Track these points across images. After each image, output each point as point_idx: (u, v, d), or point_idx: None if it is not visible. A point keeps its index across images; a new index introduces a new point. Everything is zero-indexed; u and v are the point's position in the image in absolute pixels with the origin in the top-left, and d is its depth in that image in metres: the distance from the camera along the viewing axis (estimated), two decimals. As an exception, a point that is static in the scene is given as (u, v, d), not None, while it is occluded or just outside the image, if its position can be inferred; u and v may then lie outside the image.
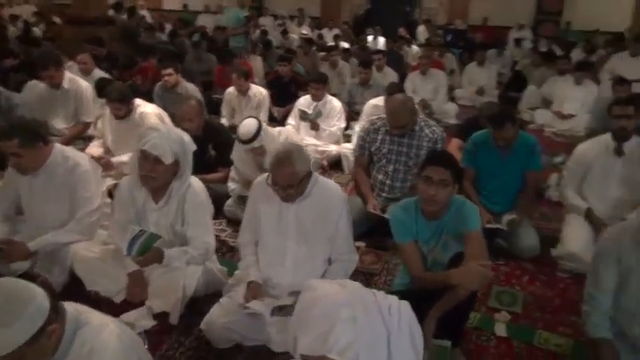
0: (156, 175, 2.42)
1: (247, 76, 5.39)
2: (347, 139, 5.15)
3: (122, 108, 4.01)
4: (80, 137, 4.55)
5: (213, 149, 3.83)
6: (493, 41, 13.06)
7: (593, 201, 3.27)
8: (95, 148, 4.16)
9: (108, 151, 4.22)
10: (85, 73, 5.40)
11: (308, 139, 4.75)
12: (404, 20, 13.43)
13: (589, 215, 3.22)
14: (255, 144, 3.44)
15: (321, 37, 11.99)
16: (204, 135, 3.80)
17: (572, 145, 5.92)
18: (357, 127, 4.90)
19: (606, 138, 3.29)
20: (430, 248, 2.36)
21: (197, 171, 3.65)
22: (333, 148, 4.79)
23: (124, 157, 4.03)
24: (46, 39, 9.77)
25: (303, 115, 4.84)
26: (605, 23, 13.14)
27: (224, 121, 5.39)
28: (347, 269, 2.46)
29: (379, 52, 7.41)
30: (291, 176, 2.23)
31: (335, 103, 5.02)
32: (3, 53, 6.26)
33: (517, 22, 13.56)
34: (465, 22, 14.45)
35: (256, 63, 7.75)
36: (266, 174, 2.50)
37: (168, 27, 11.83)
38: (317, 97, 4.92)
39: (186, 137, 2.49)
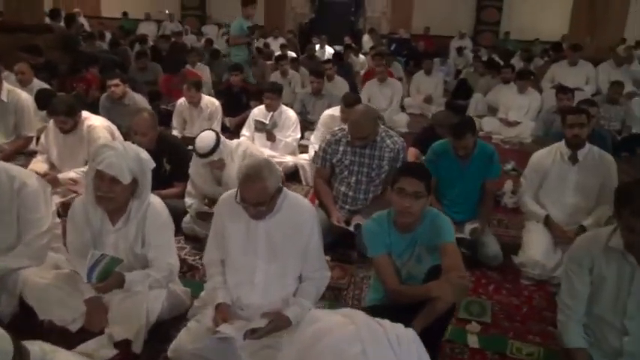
0: (113, 196, 2.27)
1: (199, 86, 5.24)
2: (302, 149, 5.09)
3: (69, 121, 3.79)
4: (21, 152, 4.27)
5: (168, 163, 3.67)
6: (436, 50, 13.41)
7: (550, 208, 3.35)
8: (39, 164, 3.90)
9: (53, 167, 3.98)
10: (24, 83, 5.11)
11: (264, 151, 4.64)
12: (349, 29, 13.55)
13: (548, 222, 3.29)
14: (214, 157, 3.32)
15: (267, 45, 11.91)
16: (157, 149, 3.63)
17: (520, 151, 6.18)
18: (313, 138, 4.86)
19: (560, 145, 3.38)
20: (404, 261, 2.33)
21: (152, 187, 3.54)
22: (289, 159, 4.72)
23: (71, 174, 3.82)
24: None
25: (260, 126, 4.74)
26: (542, 33, 13.74)
27: (175, 132, 5.21)
28: (319, 287, 2.39)
29: (329, 61, 7.40)
30: (261, 192, 2.14)
31: (290, 114, 4.95)
32: None
33: (458, 31, 13.94)
34: (407, 31, 14.76)
35: (204, 72, 7.58)
36: (231, 191, 2.41)
37: (107, 35, 11.45)
38: (272, 108, 4.84)
39: (144, 154, 2.36)
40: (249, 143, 3.78)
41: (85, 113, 3.96)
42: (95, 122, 3.92)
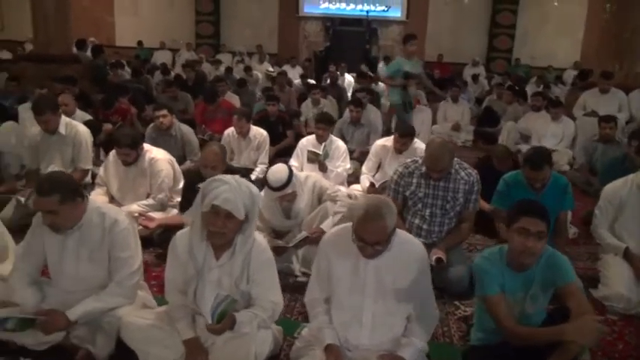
0: (226, 231, 2.22)
1: (249, 117, 5.23)
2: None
3: (132, 154, 3.77)
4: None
5: (235, 196, 3.62)
6: (450, 77, 13.53)
7: (627, 239, 3.31)
8: (100, 197, 3.85)
9: (112, 200, 3.93)
10: (67, 114, 5.06)
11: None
12: (363, 57, 13.65)
13: (627, 255, 3.24)
14: (288, 190, 3.30)
15: (284, 73, 11.95)
16: (224, 182, 3.60)
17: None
18: (364, 168, 4.83)
19: (635, 177, 3.36)
20: (517, 300, 2.27)
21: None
22: (343, 190, 4.67)
23: (134, 206, 3.77)
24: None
25: (313, 157, 4.71)
26: (555, 59, 13.89)
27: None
28: (429, 326, 2.33)
29: (363, 90, 7.41)
30: (381, 231, 2.09)
31: (339, 143, 4.93)
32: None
33: (472, 58, 14.08)
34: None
35: (235, 101, 7.58)
36: (336, 229, 2.37)
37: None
38: (323, 138, 4.82)
39: (254, 189, 2.31)
40: (318, 176, 3.75)
41: (146, 145, 3.94)
42: (157, 155, 3.89)
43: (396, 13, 15.09)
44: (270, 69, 11.91)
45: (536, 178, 3.31)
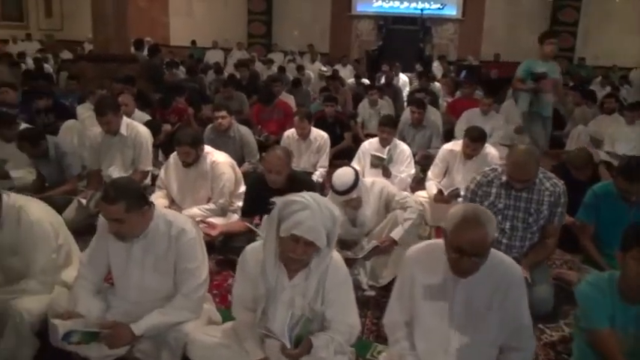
0: (305, 258, 2.05)
1: (310, 118, 5.07)
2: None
3: (192, 153, 3.67)
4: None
5: (299, 203, 3.46)
6: (509, 77, 13.02)
7: None
8: (160, 200, 3.77)
9: (173, 202, 3.84)
10: (126, 114, 5.04)
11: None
12: (417, 57, 13.31)
13: None
14: (353, 194, 3.11)
15: (336, 73, 11.77)
16: (288, 186, 3.44)
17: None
18: (430, 174, 4.58)
19: None
20: (629, 337, 2.00)
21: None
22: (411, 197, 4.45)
23: (194, 210, 3.67)
24: (57, 74, 9.48)
25: (376, 161, 4.51)
26: (619, 59, 13.20)
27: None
28: (525, 358, 2.09)
29: (422, 90, 7.14)
30: (481, 241, 1.87)
31: (404, 147, 4.70)
32: (37, 94, 5.90)
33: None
34: (476, 58, 14.43)
35: (290, 102, 7.45)
36: (422, 244, 2.16)
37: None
38: (387, 142, 4.61)
39: (336, 210, 2.11)
40: (385, 182, 3.54)
41: (207, 148, 3.83)
42: (219, 158, 3.78)
43: (452, 11, 14.67)
44: (323, 68, 11.75)
45: (632, 191, 3.00)
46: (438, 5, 14.55)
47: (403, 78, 11.00)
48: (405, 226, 3.10)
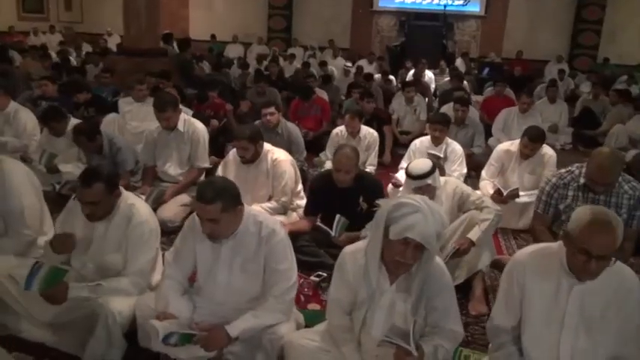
0: (413, 262, 2.00)
1: (362, 116, 5.01)
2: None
3: (251, 148, 3.62)
4: (194, 184, 4.12)
5: (365, 202, 3.42)
6: (532, 75, 12.91)
7: None
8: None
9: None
10: (170, 110, 5.02)
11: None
12: (441, 53, 13.20)
13: None
14: (428, 180, 3.07)
15: (360, 69, 11.69)
16: (355, 186, 3.40)
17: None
18: (484, 173, 4.52)
19: None
20: None
21: (347, 227, 3.28)
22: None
23: (256, 207, 3.60)
24: (82, 67, 9.43)
25: (433, 160, 4.40)
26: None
27: (328, 164, 4.98)
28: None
29: (459, 88, 7.06)
30: (611, 243, 1.83)
31: (456, 146, 4.64)
32: (77, 87, 5.86)
33: (556, 55, 13.43)
34: (498, 55, 14.31)
35: (324, 97, 7.39)
36: (538, 246, 2.12)
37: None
38: (439, 140, 4.55)
39: (445, 215, 2.07)
40: (458, 181, 3.49)
41: (267, 145, 3.78)
42: (280, 156, 3.73)
43: (475, 7, 14.53)
44: (348, 63, 11.66)
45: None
46: (461, 1, 14.42)
47: (429, 75, 10.90)
48: (483, 227, 3.05)
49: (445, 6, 14.11)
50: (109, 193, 2.44)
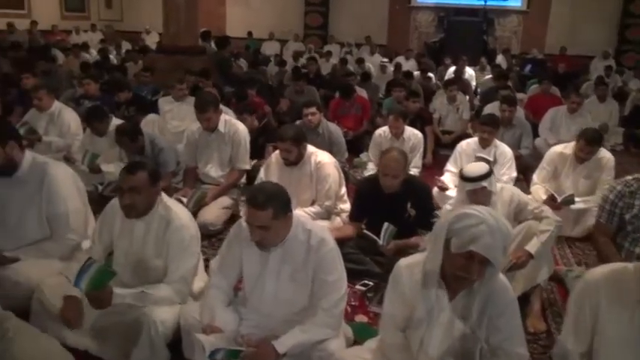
0: (478, 278, 1.86)
1: (406, 116, 4.87)
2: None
3: (294, 150, 3.52)
4: (234, 186, 4.05)
5: (413, 208, 3.28)
6: (577, 72, 12.46)
7: None
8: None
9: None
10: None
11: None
12: (481, 50, 12.88)
13: None
14: (484, 183, 2.92)
15: (399, 66, 11.48)
16: (402, 191, 3.27)
17: None
18: (536, 178, 4.32)
19: None
20: None
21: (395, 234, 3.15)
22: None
23: (299, 212, 3.50)
24: (122, 66, 9.51)
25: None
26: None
27: (371, 165, 4.86)
28: None
29: (505, 87, 6.81)
30: None
31: (505, 149, 4.45)
32: (119, 86, 5.88)
33: (603, 51, 12.94)
34: (540, 51, 13.88)
35: (364, 96, 7.25)
36: (605, 266, 1.95)
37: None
38: (488, 142, 4.37)
39: (510, 227, 1.92)
40: (514, 188, 3.32)
41: (310, 147, 3.68)
42: (324, 158, 3.63)
43: (517, 2, 14.13)
44: (384, 60, 11.47)
45: None
46: (503, -4, 14.04)
47: (469, 72, 10.64)
48: (542, 239, 2.87)
49: (485, 1, 13.73)
50: (150, 185, 2.38)
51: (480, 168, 2.97)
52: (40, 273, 2.48)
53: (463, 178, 2.98)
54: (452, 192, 4.44)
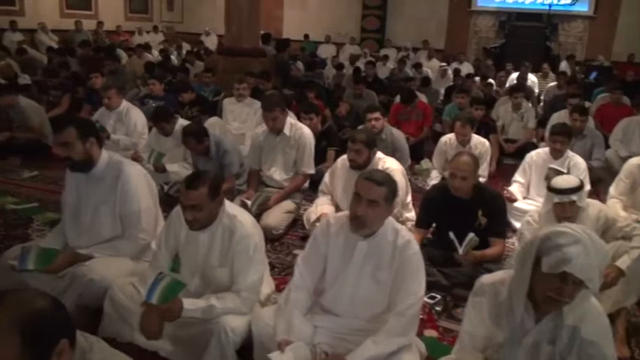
0: (570, 301, 1.75)
1: (473, 123, 4.73)
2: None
3: (365, 153, 3.48)
4: (297, 190, 4.03)
5: (484, 216, 3.16)
6: (646, 80, 11.86)
7: None
8: (326, 207, 3.60)
9: (337, 209, 3.66)
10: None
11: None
12: (543, 56, 12.46)
13: None
14: (574, 197, 2.83)
15: (458, 71, 11.24)
16: (473, 198, 3.16)
17: None
18: (612, 190, 4.09)
19: None
20: None
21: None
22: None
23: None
24: (182, 66, 9.69)
25: (554, 175, 4.07)
26: None
27: (434, 173, 4.75)
28: None
29: (575, 95, 6.53)
30: None
31: (578, 160, 4.23)
32: (183, 87, 5.97)
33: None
34: (607, 58, 13.32)
35: (425, 102, 7.10)
36: None
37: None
38: (559, 153, 4.17)
39: (607, 247, 1.81)
40: (602, 204, 3.18)
41: (379, 153, 3.63)
42: (392, 165, 3.57)
43: (583, 7, 13.59)
44: (443, 64, 11.26)
45: None
46: (569, 0, 13.53)
47: (532, 78, 10.30)
48: (633, 255, 2.71)
49: (550, 5, 13.30)
50: (211, 199, 2.34)
51: (572, 180, 2.90)
52: (113, 271, 2.50)
53: (552, 189, 2.90)
54: (520, 204, 4.29)
